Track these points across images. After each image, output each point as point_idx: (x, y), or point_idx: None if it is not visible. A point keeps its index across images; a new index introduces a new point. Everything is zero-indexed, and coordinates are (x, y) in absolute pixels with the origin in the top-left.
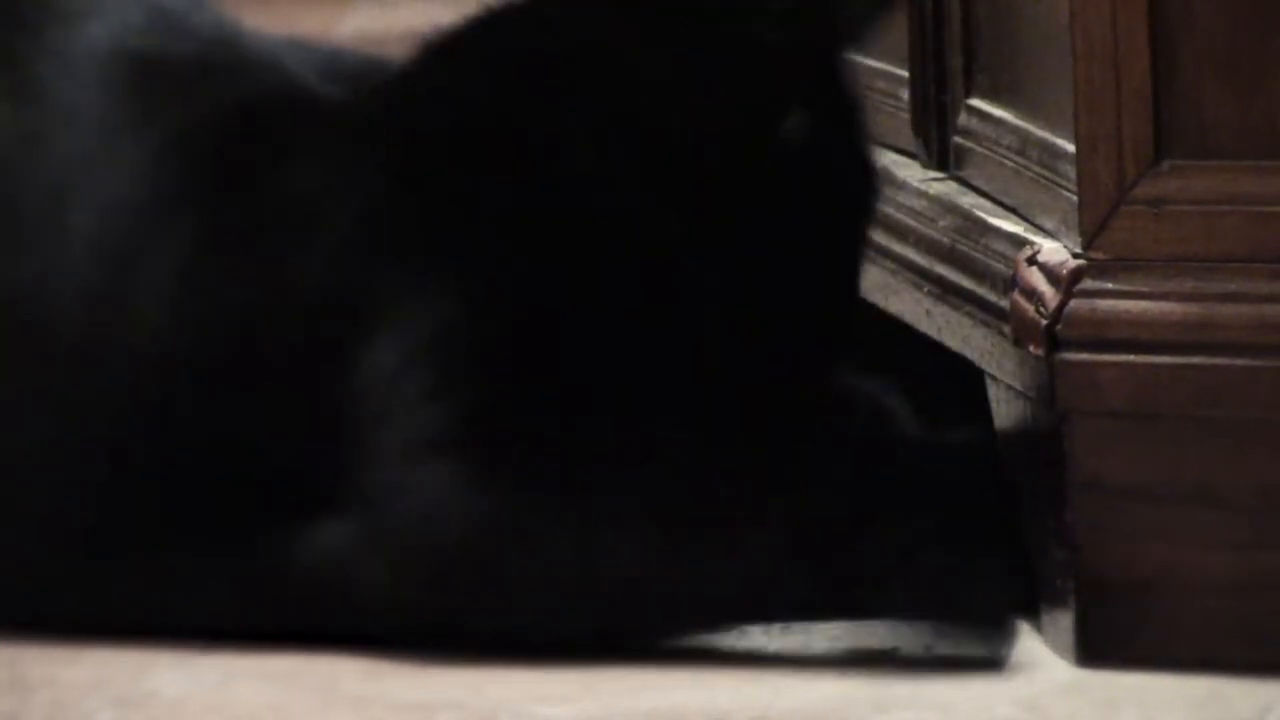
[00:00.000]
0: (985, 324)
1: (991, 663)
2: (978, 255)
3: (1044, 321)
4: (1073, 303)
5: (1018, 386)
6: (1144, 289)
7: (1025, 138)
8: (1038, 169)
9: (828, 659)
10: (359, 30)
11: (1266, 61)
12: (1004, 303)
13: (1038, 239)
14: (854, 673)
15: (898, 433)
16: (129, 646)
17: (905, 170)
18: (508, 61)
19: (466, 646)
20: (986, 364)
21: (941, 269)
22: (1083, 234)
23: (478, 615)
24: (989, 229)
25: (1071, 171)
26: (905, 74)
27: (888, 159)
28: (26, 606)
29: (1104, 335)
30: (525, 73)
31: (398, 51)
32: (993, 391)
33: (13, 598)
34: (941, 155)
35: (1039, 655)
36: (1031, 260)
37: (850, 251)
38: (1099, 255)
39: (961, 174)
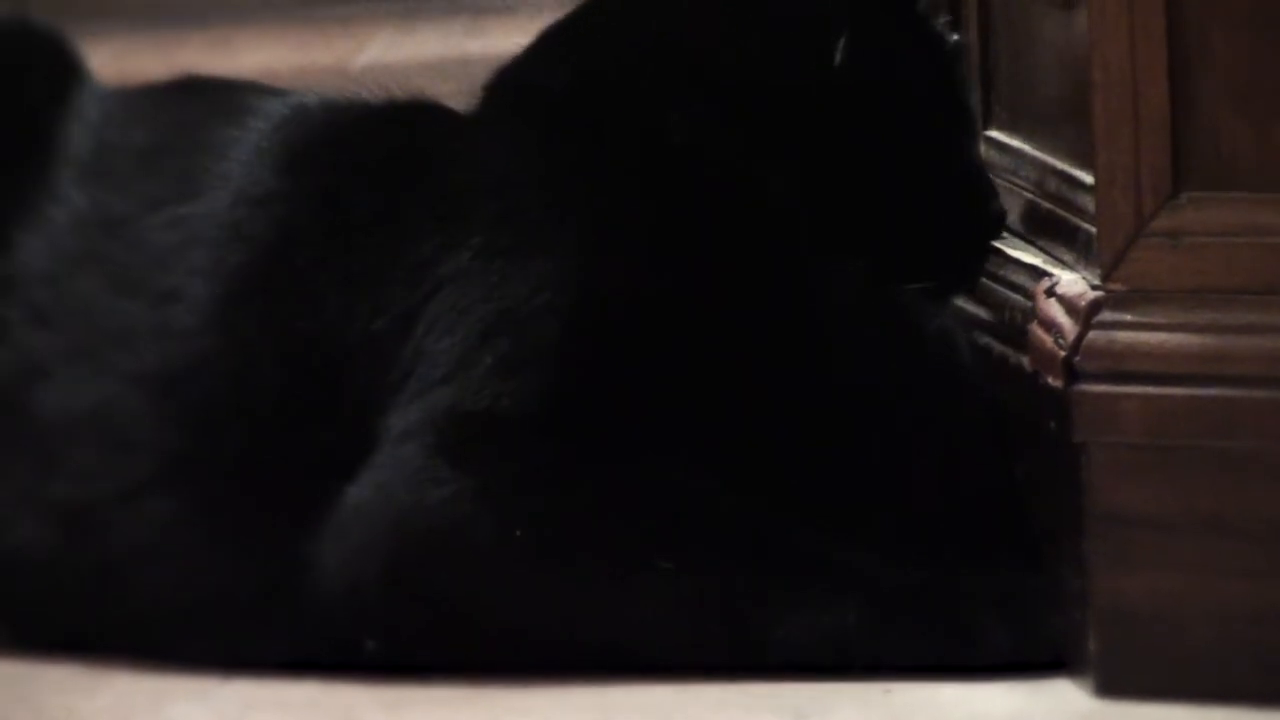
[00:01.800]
0: (1004, 355)
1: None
2: (996, 286)
3: (1062, 353)
4: (1091, 334)
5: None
6: (1161, 321)
7: (1044, 170)
8: (1056, 201)
9: (845, 688)
10: (376, 61)
11: None
12: (1023, 334)
13: (1056, 270)
14: (873, 702)
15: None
16: (148, 676)
17: None
18: (610, 52)
19: (484, 676)
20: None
21: (961, 300)
22: (1101, 266)
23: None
24: (1008, 260)
25: (1090, 203)
26: None
27: None
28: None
29: (1122, 367)
30: (632, 59)
31: (417, 83)
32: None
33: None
34: None
35: (1056, 684)
36: (1050, 292)
37: (952, 182)
38: (1117, 287)
39: None
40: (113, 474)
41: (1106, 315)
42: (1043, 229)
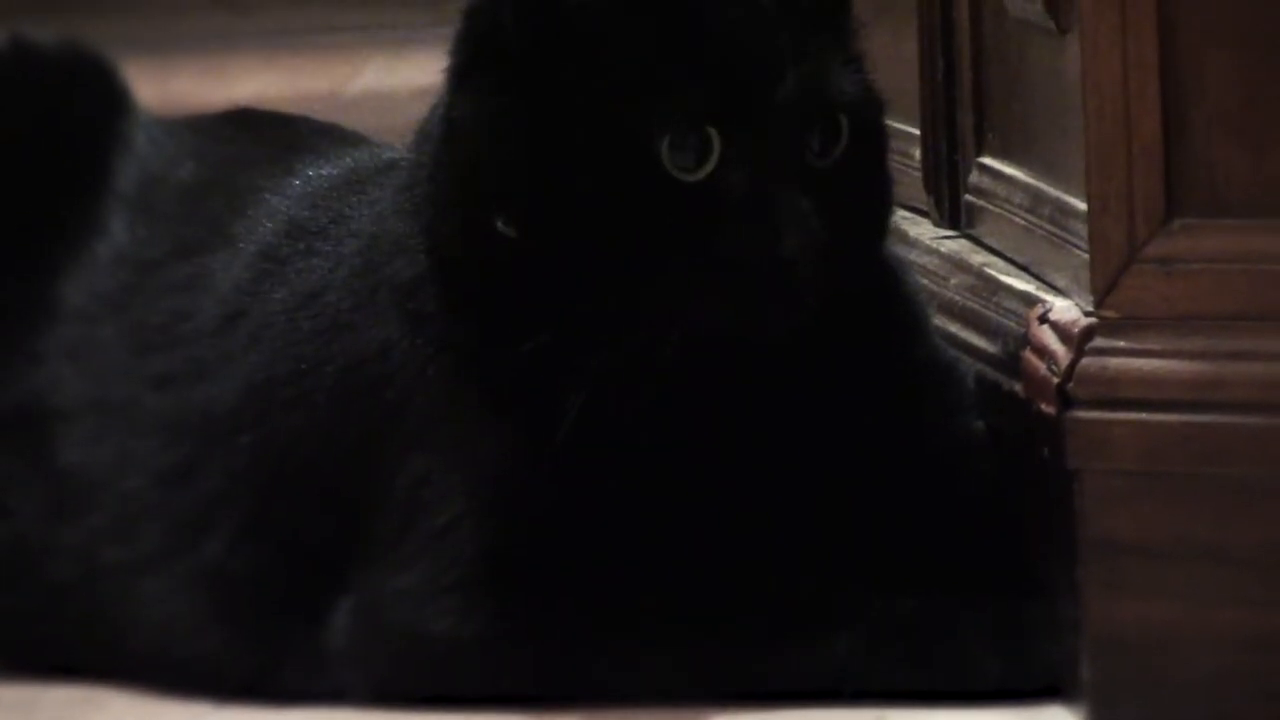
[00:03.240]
0: (996, 382)
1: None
2: (989, 313)
3: (1055, 380)
4: (1084, 361)
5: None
6: (1155, 347)
7: (1037, 196)
8: (1049, 227)
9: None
10: (368, 89)
11: (1277, 121)
12: (1015, 361)
13: (1049, 297)
14: None
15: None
16: (142, 701)
17: (917, 228)
18: None
19: (478, 705)
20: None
21: (953, 327)
22: (1094, 292)
23: None
24: (1000, 287)
25: (1083, 230)
26: (917, 132)
27: (899, 216)
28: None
29: (1115, 393)
30: None
31: (410, 109)
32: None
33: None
34: (953, 213)
35: (1051, 711)
36: (1043, 318)
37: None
38: (1110, 314)
39: (973, 232)
40: (119, 538)
41: (1099, 342)
42: (1036, 255)
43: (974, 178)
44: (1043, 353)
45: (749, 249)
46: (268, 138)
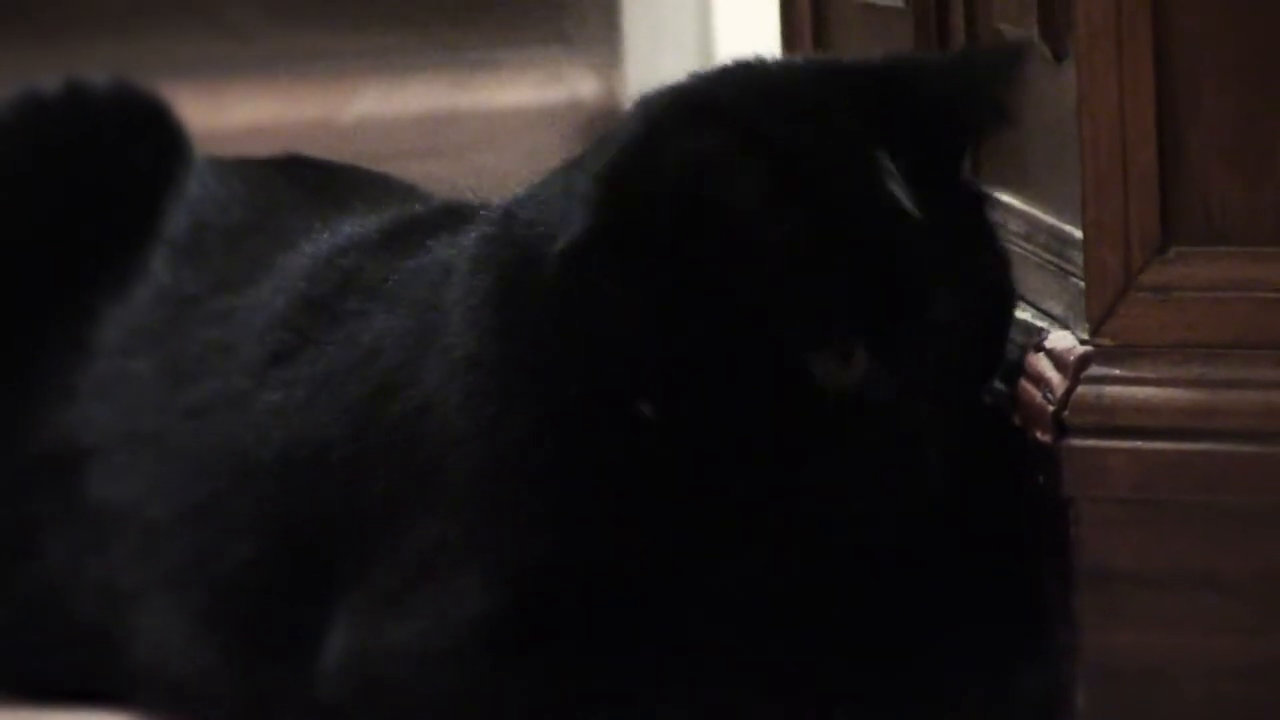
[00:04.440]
0: (994, 409)
1: None
2: None
3: (1051, 407)
4: (1080, 389)
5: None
6: (1151, 375)
7: (1033, 224)
8: (1045, 255)
9: None
10: (366, 115)
11: (1273, 149)
12: (1011, 389)
13: (1045, 325)
14: None
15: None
16: None
17: None
18: None
19: None
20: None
21: None
22: (1090, 320)
23: None
24: None
25: (1079, 258)
26: None
27: None
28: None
29: (1111, 422)
30: None
31: (406, 134)
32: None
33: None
34: None
35: None
36: (1039, 347)
37: None
38: (1106, 342)
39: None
40: (136, 565)
41: (1095, 370)
42: (1032, 284)
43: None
44: (1039, 381)
45: (890, 460)
46: (318, 185)
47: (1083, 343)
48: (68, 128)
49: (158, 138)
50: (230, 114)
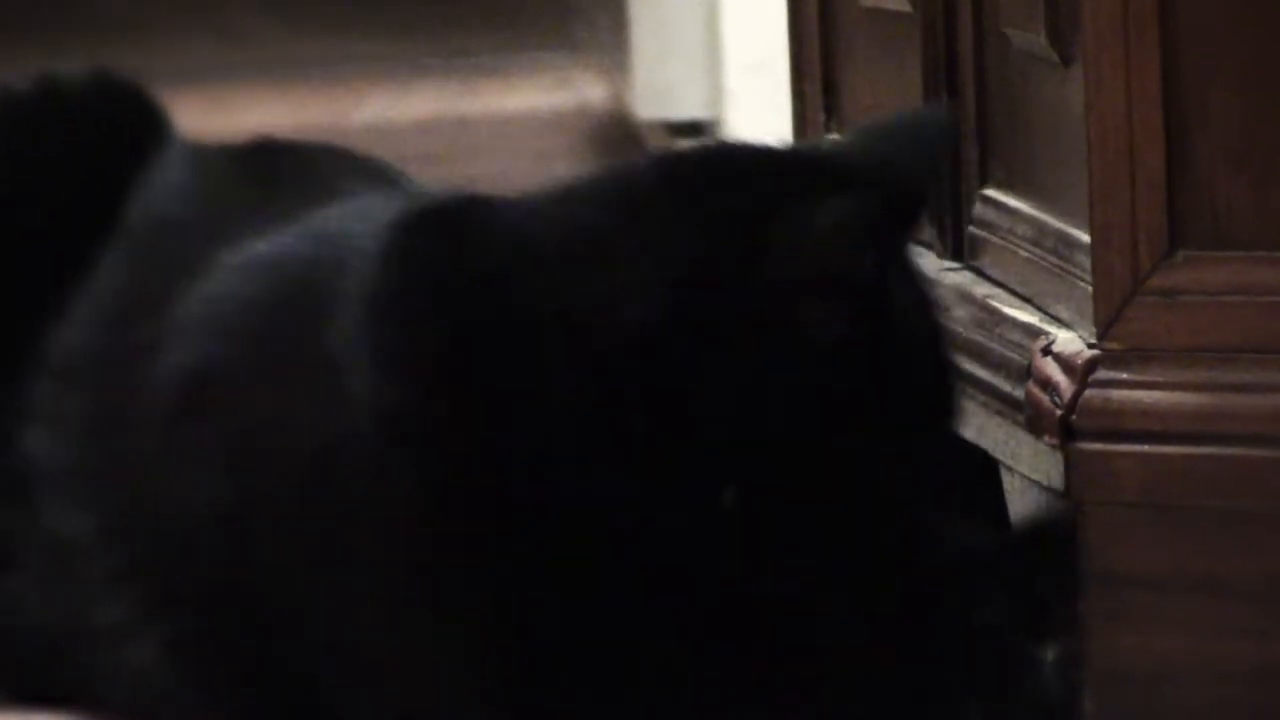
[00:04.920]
0: (1000, 414)
1: None
2: (993, 345)
3: (1059, 412)
4: (1087, 393)
5: (1033, 476)
6: (1158, 379)
7: (1040, 228)
8: (1053, 259)
9: None
10: (373, 120)
11: None
12: (1019, 393)
13: (1053, 329)
14: None
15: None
16: None
17: (920, 261)
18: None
19: None
20: (1002, 454)
21: (957, 358)
22: (1097, 324)
23: None
24: (1004, 319)
25: (1086, 262)
26: None
27: None
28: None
29: (1118, 425)
30: None
31: (415, 140)
32: (1008, 481)
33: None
34: (956, 245)
35: None
36: (1046, 350)
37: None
38: (1113, 345)
39: (977, 264)
40: (105, 604)
41: (1103, 374)
42: (1040, 287)
43: (977, 210)
44: (1046, 384)
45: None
46: (278, 174)
47: (1090, 346)
48: (36, 122)
49: (133, 126)
50: (237, 120)
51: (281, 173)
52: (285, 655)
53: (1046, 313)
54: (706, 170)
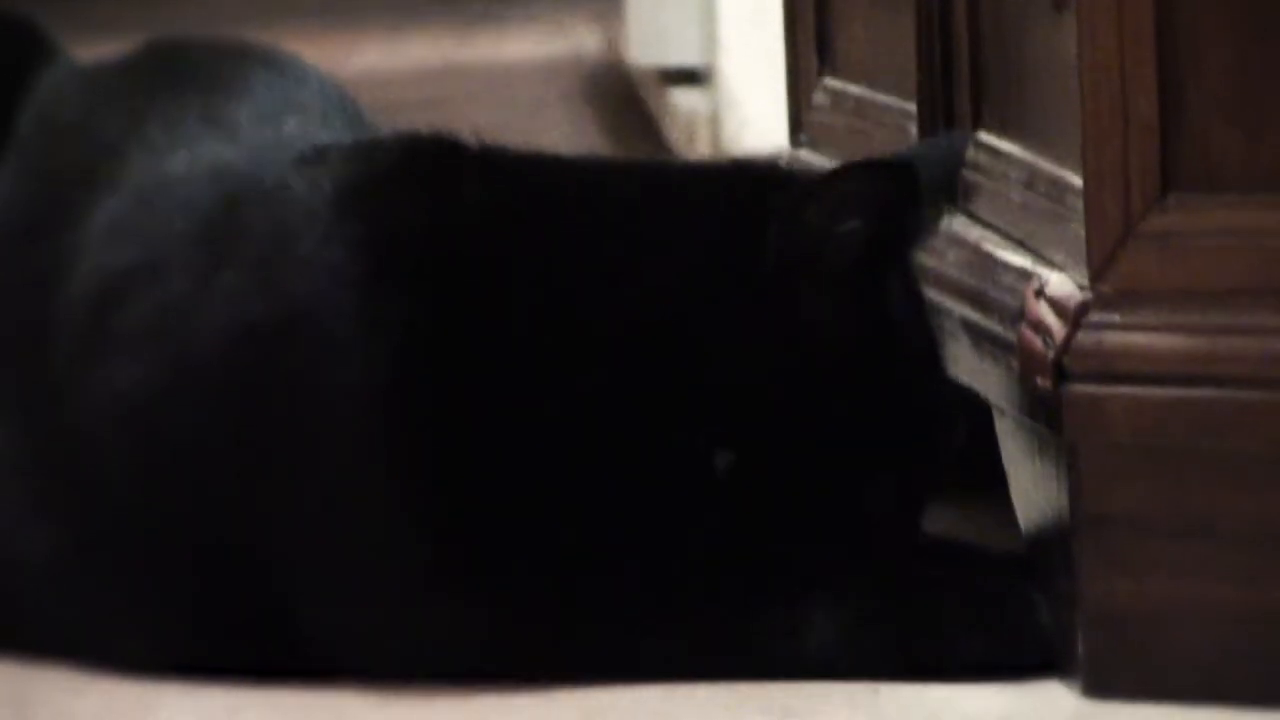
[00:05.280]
0: (993, 357)
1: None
2: (986, 288)
3: (1051, 354)
4: (1079, 336)
5: (1025, 418)
6: (1150, 322)
7: (1033, 172)
8: (1045, 203)
9: (834, 687)
10: (367, 68)
11: (1273, 97)
12: (1012, 336)
13: (1045, 272)
14: (860, 703)
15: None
16: (136, 678)
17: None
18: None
19: (472, 679)
20: (994, 396)
21: (950, 302)
22: (1090, 267)
23: None
24: (997, 262)
25: (1079, 205)
26: (913, 109)
27: None
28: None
29: (1110, 368)
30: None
31: (410, 88)
32: (1000, 424)
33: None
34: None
35: (1046, 686)
36: (1039, 293)
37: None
38: (1106, 288)
39: (970, 208)
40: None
41: (1095, 316)
42: (1033, 230)
43: (971, 153)
44: (1039, 327)
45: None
46: (175, 75)
47: (1082, 289)
48: None
49: (17, 48)
50: None
51: (180, 72)
52: (227, 543)
53: (1039, 256)
54: (718, 168)
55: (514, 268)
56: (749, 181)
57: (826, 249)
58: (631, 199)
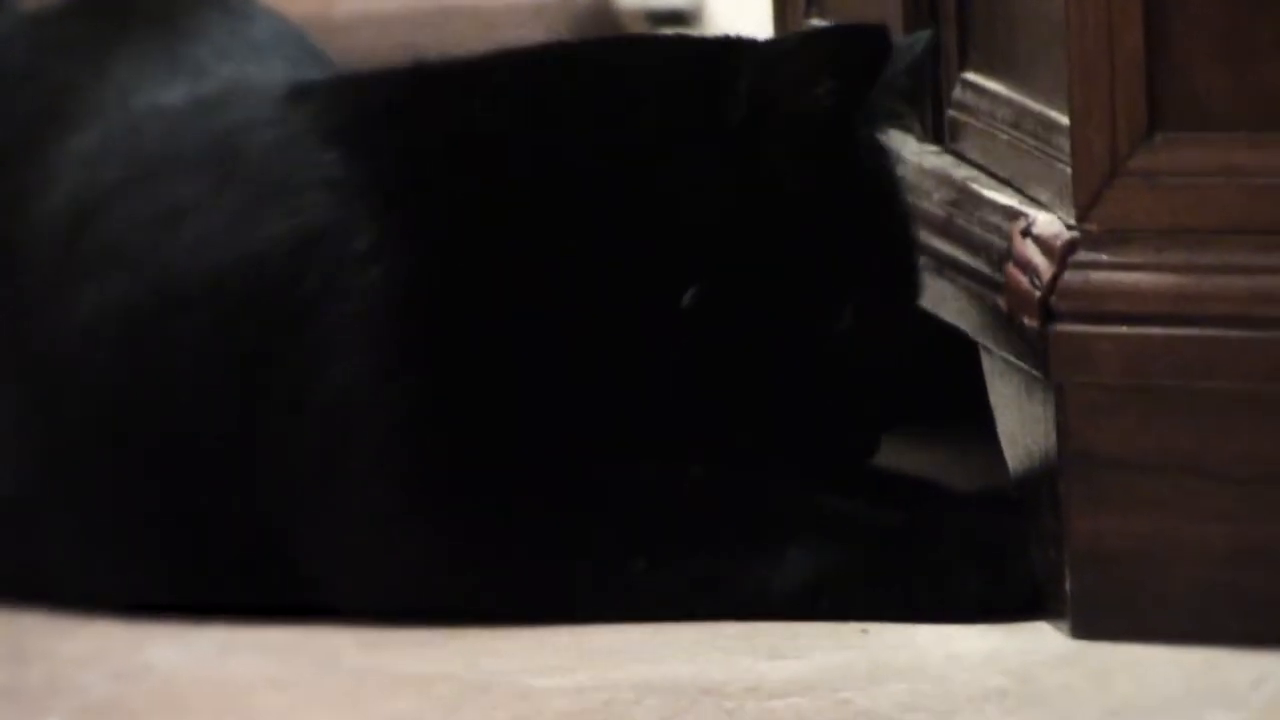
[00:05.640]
0: (980, 296)
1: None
2: (973, 228)
3: (1038, 293)
4: (1066, 274)
5: (1012, 358)
6: (1137, 261)
7: (1020, 111)
8: (1032, 142)
9: (821, 628)
10: (355, 12)
11: (1259, 35)
12: (999, 275)
13: (1032, 211)
14: (849, 643)
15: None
16: (127, 620)
17: (900, 144)
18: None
19: (462, 619)
20: (981, 336)
21: (937, 242)
22: (1077, 206)
23: None
24: (984, 202)
25: (1066, 144)
26: None
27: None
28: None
29: (1097, 307)
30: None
31: (397, 31)
32: (987, 363)
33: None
34: (936, 129)
35: (1033, 626)
36: (1026, 232)
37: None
38: (1092, 227)
39: (956, 147)
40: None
41: (1082, 255)
42: (1019, 170)
43: (957, 93)
44: (1025, 266)
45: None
46: (123, 21)
47: (1069, 228)
48: None
49: None
50: None
51: (131, 14)
52: (221, 466)
53: (1026, 195)
54: (690, 38)
55: (507, 160)
56: (719, 46)
57: (800, 105)
58: (605, 62)
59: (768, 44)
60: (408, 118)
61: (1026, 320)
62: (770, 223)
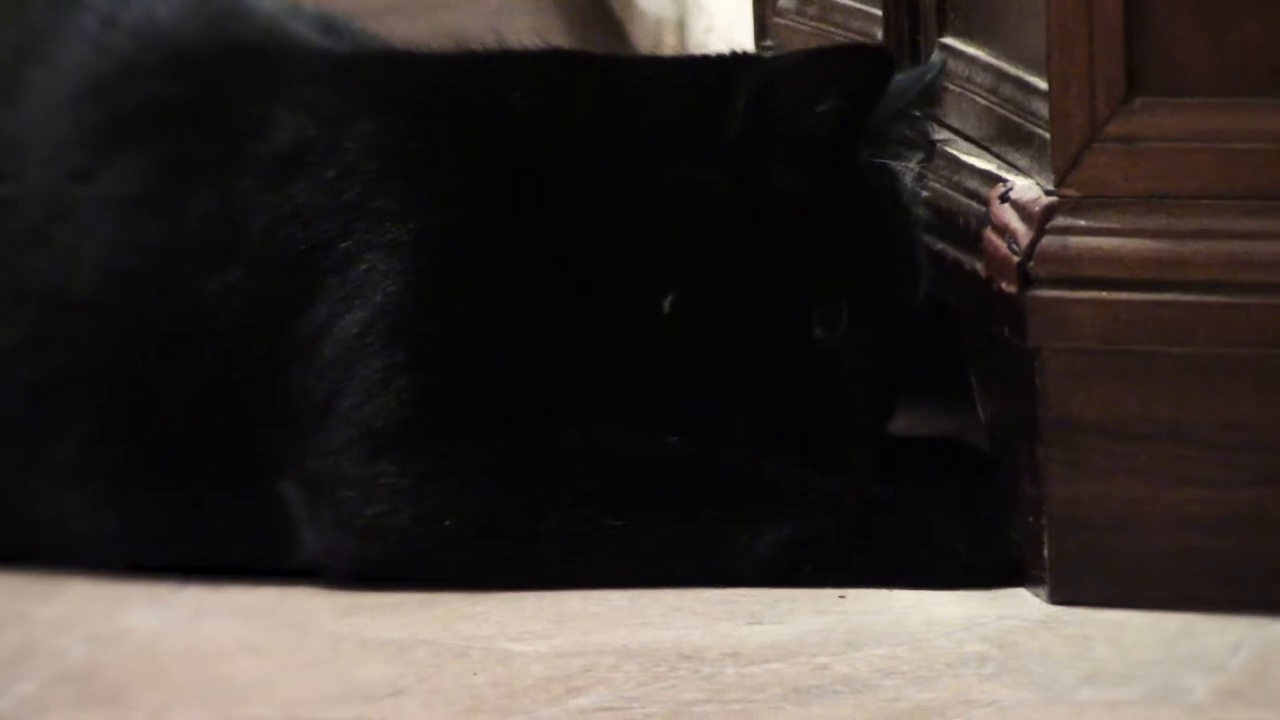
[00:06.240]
0: (958, 261)
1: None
2: (951, 192)
3: (1016, 259)
4: (1045, 240)
5: (990, 323)
6: (1116, 226)
7: (998, 76)
8: (1010, 107)
9: (801, 594)
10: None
11: (1237, 0)
12: (977, 240)
13: (1010, 176)
14: (828, 609)
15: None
16: (103, 582)
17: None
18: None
19: (438, 584)
20: (959, 301)
21: (914, 207)
22: (1055, 171)
23: None
24: (962, 166)
25: (1044, 109)
26: (879, 12)
27: None
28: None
29: (1076, 272)
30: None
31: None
32: (965, 329)
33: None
34: None
35: (1012, 591)
36: (1004, 197)
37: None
38: (1071, 192)
39: (935, 112)
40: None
41: (1060, 220)
42: (998, 135)
43: (936, 58)
44: (1004, 231)
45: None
46: None
47: (1048, 194)
48: None
49: None
50: None
51: None
52: (218, 387)
53: (1004, 160)
54: (690, 56)
55: (530, 148)
56: (716, 64)
57: (801, 122)
58: (620, 68)
59: (771, 60)
60: (449, 99)
61: (1004, 285)
62: (759, 233)
